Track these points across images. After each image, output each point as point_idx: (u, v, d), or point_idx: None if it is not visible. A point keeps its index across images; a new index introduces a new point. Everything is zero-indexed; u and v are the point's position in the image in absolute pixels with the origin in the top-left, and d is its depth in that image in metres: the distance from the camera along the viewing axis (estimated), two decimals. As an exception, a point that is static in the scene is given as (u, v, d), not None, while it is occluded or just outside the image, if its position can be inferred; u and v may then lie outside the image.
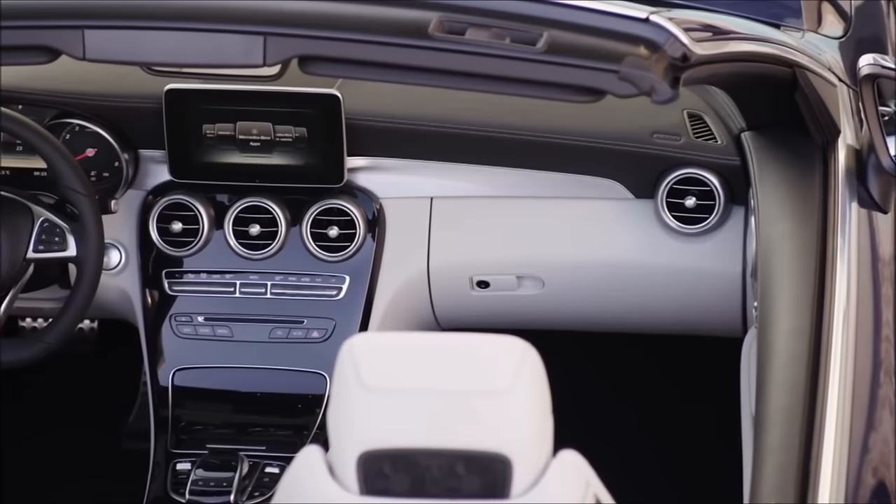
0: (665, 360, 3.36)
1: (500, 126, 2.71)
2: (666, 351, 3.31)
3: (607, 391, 3.40)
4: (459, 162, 2.75)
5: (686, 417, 3.37)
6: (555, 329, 2.88)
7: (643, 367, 3.41)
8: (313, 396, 2.71)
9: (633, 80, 2.00)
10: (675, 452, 3.33)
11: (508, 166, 2.74)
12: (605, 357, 3.37)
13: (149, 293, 2.77)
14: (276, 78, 2.61)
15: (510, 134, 2.71)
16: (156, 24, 2.17)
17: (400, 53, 2.08)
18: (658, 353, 3.33)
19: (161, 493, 2.60)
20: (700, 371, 3.34)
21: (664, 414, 3.40)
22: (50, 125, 2.71)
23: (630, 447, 3.29)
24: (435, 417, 1.66)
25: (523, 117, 2.72)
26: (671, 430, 3.37)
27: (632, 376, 3.41)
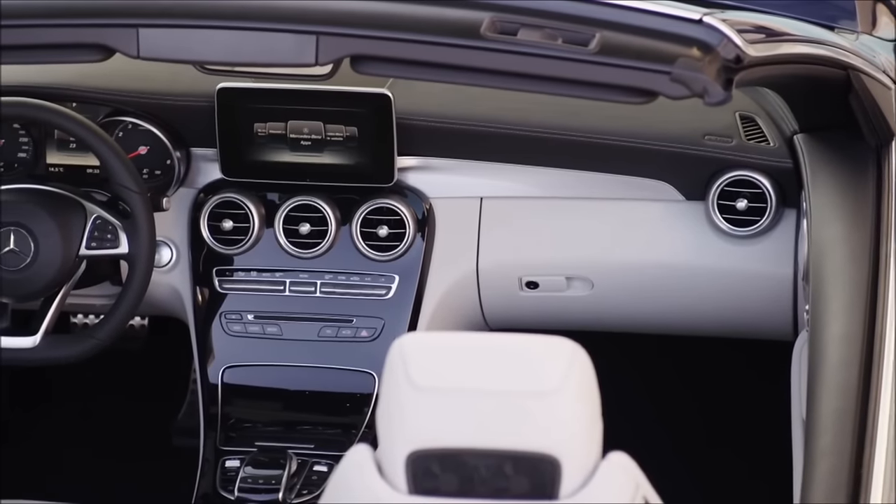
0: (714, 362, 3.35)
1: (550, 127, 2.71)
2: (715, 354, 3.29)
3: (655, 393, 3.39)
4: (510, 162, 2.75)
5: (735, 420, 3.35)
6: (604, 331, 2.87)
7: (692, 369, 3.39)
8: (362, 395, 2.71)
9: (686, 82, 2.00)
10: (725, 456, 3.31)
11: (559, 167, 2.73)
12: (654, 359, 3.36)
13: (199, 291, 2.78)
14: (327, 77, 2.61)
15: (561, 135, 2.71)
16: (209, 23, 2.18)
17: (451, 53, 2.08)
18: (707, 355, 3.31)
19: (210, 489, 2.61)
20: (749, 374, 3.32)
21: (713, 417, 3.38)
22: (103, 123, 2.73)
23: (679, 449, 3.28)
24: (484, 417, 1.66)
25: (574, 118, 2.71)
26: (720, 433, 3.36)
27: (680, 379, 3.40)
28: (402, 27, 2.12)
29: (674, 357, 3.35)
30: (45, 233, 2.57)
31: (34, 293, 2.60)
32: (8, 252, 2.56)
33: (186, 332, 2.82)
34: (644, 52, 2.02)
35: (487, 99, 2.71)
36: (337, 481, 1.77)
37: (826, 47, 2.39)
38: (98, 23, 2.22)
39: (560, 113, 2.71)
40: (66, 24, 2.25)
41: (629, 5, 2.10)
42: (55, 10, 2.28)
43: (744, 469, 3.26)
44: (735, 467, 3.28)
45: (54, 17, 2.26)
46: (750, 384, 3.32)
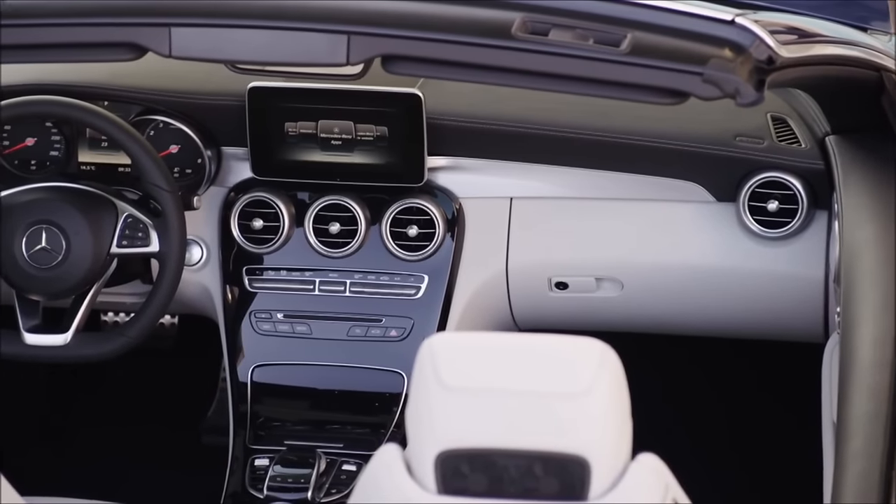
0: (743, 364, 3.34)
1: (581, 127, 2.71)
2: (745, 355, 3.28)
3: (684, 394, 3.38)
4: (540, 163, 2.74)
5: (764, 422, 3.34)
6: (633, 332, 2.86)
7: (722, 371, 3.38)
8: (391, 395, 2.72)
9: (718, 83, 1.99)
10: (754, 458, 3.30)
11: (590, 167, 2.73)
12: (684, 360, 3.35)
13: (229, 289, 2.79)
14: (358, 77, 2.61)
15: (592, 135, 2.70)
16: (241, 22, 2.18)
17: (483, 53, 2.08)
18: (737, 357, 3.31)
19: (239, 488, 2.62)
20: (780, 377, 3.31)
21: (742, 419, 3.37)
22: (135, 121, 2.73)
23: (708, 451, 3.27)
24: (513, 418, 1.66)
25: (605, 118, 2.71)
26: (749, 436, 3.35)
27: (710, 380, 3.39)
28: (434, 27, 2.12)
29: (703, 358, 3.34)
30: (76, 231, 2.58)
31: (65, 291, 2.61)
32: (40, 250, 2.57)
33: (216, 331, 2.82)
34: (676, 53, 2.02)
35: (517, 99, 2.71)
36: (366, 481, 1.77)
37: (858, 49, 2.38)
38: (130, 22, 2.23)
39: (590, 113, 2.71)
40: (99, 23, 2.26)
41: (661, 6, 2.10)
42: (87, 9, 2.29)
43: (773, 472, 3.25)
44: (765, 470, 3.27)
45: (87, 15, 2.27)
46: (780, 386, 3.31)
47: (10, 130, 2.78)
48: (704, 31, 2.08)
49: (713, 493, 2.63)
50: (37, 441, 3.41)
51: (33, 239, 2.57)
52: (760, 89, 2.01)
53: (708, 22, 2.08)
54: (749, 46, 2.03)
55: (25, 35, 2.27)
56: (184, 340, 3.39)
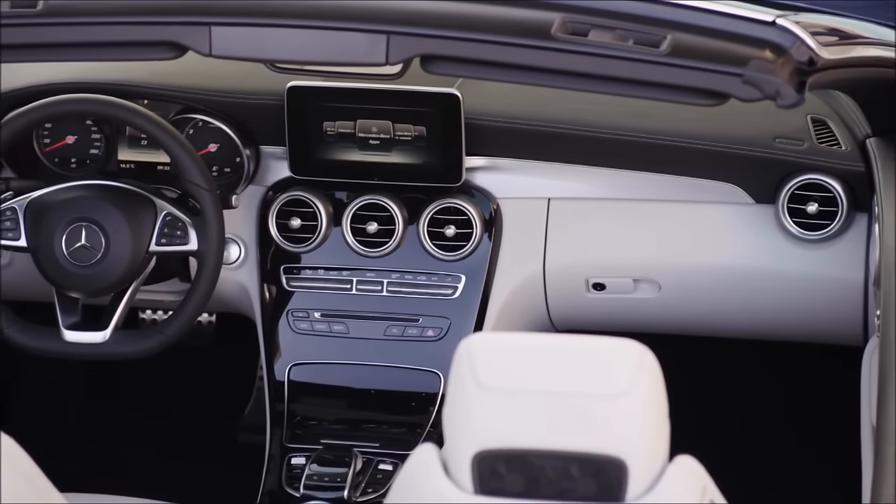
0: (781, 366, 3.33)
1: (620, 128, 2.70)
2: (782, 358, 3.27)
3: (723, 396, 3.37)
4: (578, 163, 2.74)
5: (803, 426, 3.33)
6: (671, 333, 2.85)
7: (759, 373, 3.37)
8: (427, 395, 2.72)
9: (758, 84, 1.98)
10: (790, 461, 3.29)
11: (628, 169, 2.72)
12: (721, 362, 3.34)
13: (267, 288, 2.79)
14: (396, 77, 2.62)
15: (630, 136, 2.70)
16: (281, 21, 2.19)
17: (522, 54, 2.08)
18: (775, 359, 3.29)
19: (276, 486, 2.62)
20: (819, 380, 3.30)
21: (780, 421, 3.36)
22: (174, 120, 2.74)
23: (746, 454, 3.26)
24: (550, 419, 1.66)
25: (644, 119, 2.70)
26: (786, 438, 3.33)
27: (748, 383, 3.38)
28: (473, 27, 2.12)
29: (741, 360, 3.33)
30: (115, 229, 2.59)
31: (104, 288, 2.62)
32: (79, 247, 2.59)
33: (253, 330, 2.83)
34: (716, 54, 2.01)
35: (556, 99, 2.70)
36: (403, 480, 1.77)
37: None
38: (171, 20, 2.24)
39: (629, 114, 2.70)
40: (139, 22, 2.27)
41: (701, 6, 2.09)
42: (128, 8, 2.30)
43: (811, 475, 3.24)
44: (803, 473, 3.26)
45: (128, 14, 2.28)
46: (819, 389, 3.29)
47: (50, 128, 2.80)
48: (745, 33, 2.07)
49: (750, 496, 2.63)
50: (75, 438, 3.43)
51: (73, 237, 2.58)
52: (801, 91, 2.01)
53: (748, 23, 2.08)
54: (790, 48, 2.03)
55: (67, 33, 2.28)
56: (221, 339, 3.40)
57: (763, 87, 1.98)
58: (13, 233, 2.61)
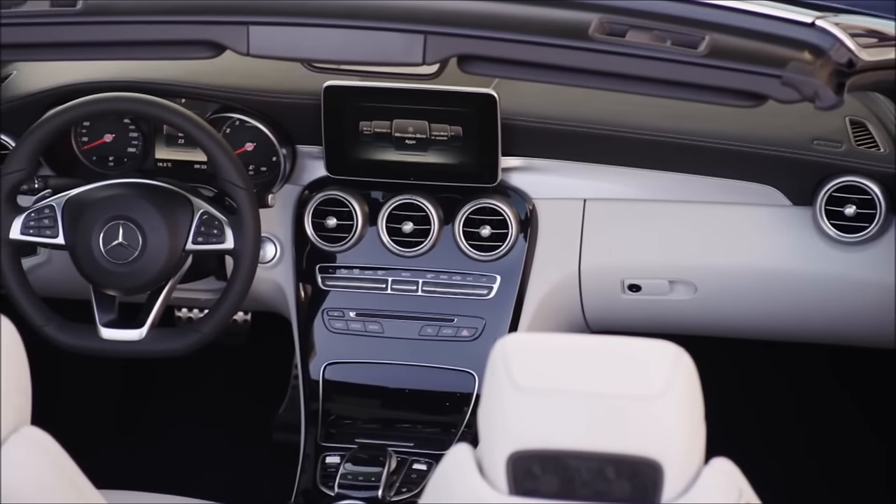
0: (817, 369, 3.31)
1: (656, 129, 2.69)
2: (819, 360, 3.26)
3: (758, 399, 3.36)
4: (614, 164, 2.73)
5: (838, 429, 3.31)
6: (706, 335, 2.84)
7: (795, 375, 3.36)
8: (461, 395, 2.72)
9: (797, 86, 1.98)
10: (827, 464, 3.27)
11: (664, 170, 2.72)
12: (757, 365, 3.33)
13: (302, 287, 2.80)
14: (433, 77, 2.62)
15: (667, 137, 2.69)
16: (319, 21, 2.19)
17: (560, 54, 2.08)
18: (811, 362, 3.28)
19: (310, 485, 2.63)
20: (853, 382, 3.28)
21: (815, 424, 3.34)
22: (211, 119, 2.75)
23: (782, 457, 3.24)
24: (586, 420, 1.66)
25: (679, 120, 2.70)
26: (822, 442, 3.32)
27: (783, 385, 3.37)
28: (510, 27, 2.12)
29: (776, 363, 3.31)
30: (152, 227, 2.59)
31: (141, 287, 2.63)
32: (116, 245, 2.59)
33: (288, 328, 2.84)
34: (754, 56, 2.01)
35: (592, 100, 2.70)
36: (438, 480, 1.77)
37: (940, 52, 2.35)
38: (209, 20, 2.24)
39: (666, 115, 2.70)
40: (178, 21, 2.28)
41: (740, 7, 2.09)
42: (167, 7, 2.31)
43: (847, 479, 3.22)
44: (838, 476, 3.24)
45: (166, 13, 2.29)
46: (853, 392, 3.28)
47: (89, 127, 2.81)
48: (783, 34, 2.06)
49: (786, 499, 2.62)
50: (110, 435, 3.44)
51: (110, 234, 2.59)
52: (840, 93, 2.00)
53: (787, 24, 2.07)
54: (829, 49, 2.02)
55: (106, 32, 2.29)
56: (256, 337, 3.41)
57: (802, 89, 1.98)
58: (51, 230, 2.62)
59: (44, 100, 2.75)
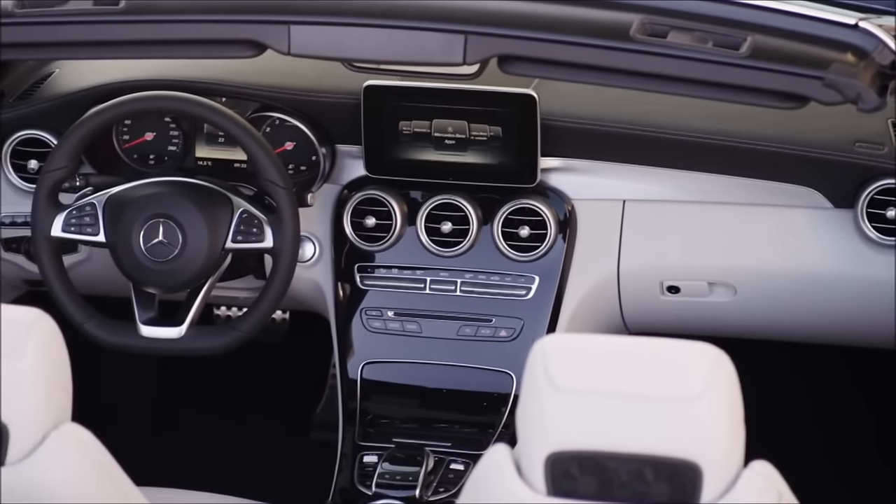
0: (859, 372, 3.29)
1: (696, 130, 2.69)
2: (860, 363, 3.24)
3: (798, 402, 3.35)
4: (654, 165, 2.73)
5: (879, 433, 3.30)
6: (746, 338, 2.83)
7: (835, 378, 3.34)
8: (499, 395, 2.71)
9: (839, 88, 1.97)
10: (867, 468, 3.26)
11: (704, 171, 2.71)
12: (798, 367, 3.31)
13: (341, 286, 2.80)
14: (473, 77, 2.62)
15: (707, 139, 2.68)
16: (360, 21, 2.20)
17: (601, 55, 2.08)
18: (851, 365, 3.26)
19: (348, 484, 2.63)
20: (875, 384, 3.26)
21: (856, 428, 3.33)
22: (252, 118, 2.76)
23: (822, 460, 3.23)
24: (625, 421, 1.66)
25: (720, 122, 2.69)
26: (864, 446, 3.30)
27: (824, 388, 3.35)
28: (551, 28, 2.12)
29: (816, 365, 3.30)
30: (192, 225, 2.60)
31: (181, 285, 2.63)
32: (157, 243, 2.60)
33: (326, 327, 2.84)
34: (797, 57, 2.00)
35: (632, 101, 2.69)
36: (476, 480, 1.77)
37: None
38: (250, 19, 2.25)
39: (707, 116, 2.69)
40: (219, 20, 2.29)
41: (782, 9, 2.08)
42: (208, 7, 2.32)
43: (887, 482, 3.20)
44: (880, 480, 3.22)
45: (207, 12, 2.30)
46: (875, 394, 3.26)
47: (130, 125, 2.82)
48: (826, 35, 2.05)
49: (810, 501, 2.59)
50: (149, 432, 3.45)
51: (151, 232, 2.60)
52: (883, 95, 1.99)
53: (830, 26, 2.06)
54: (872, 51, 2.01)
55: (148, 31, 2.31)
56: (294, 336, 3.42)
57: (844, 91, 1.97)
58: (92, 228, 2.63)
59: (85, 98, 2.76)
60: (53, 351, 1.74)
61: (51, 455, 1.72)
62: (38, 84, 2.88)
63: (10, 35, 2.38)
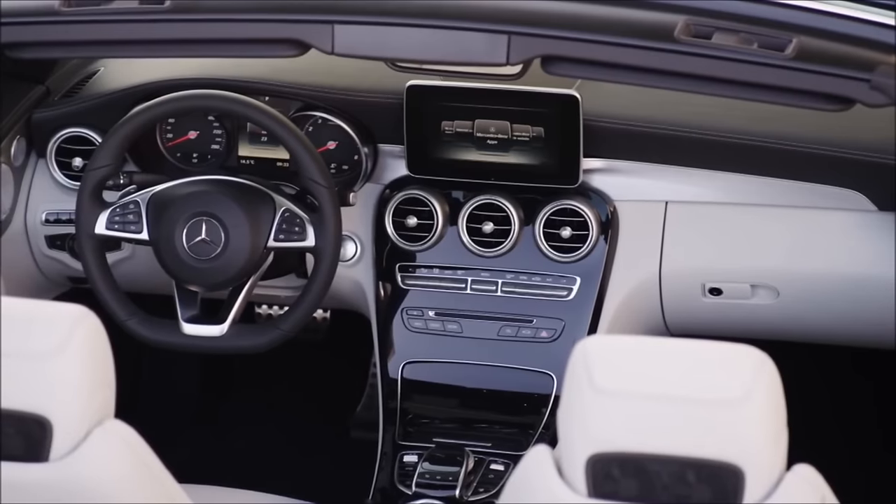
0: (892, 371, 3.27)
1: (739, 132, 2.67)
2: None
3: (841, 405, 3.33)
4: (696, 167, 2.72)
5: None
6: (788, 340, 2.82)
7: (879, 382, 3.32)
8: (539, 396, 2.71)
9: (886, 90, 1.96)
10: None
11: (747, 173, 2.70)
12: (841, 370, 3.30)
13: (382, 286, 2.81)
14: (516, 77, 2.62)
15: (750, 140, 2.67)
16: (403, 20, 2.20)
17: (645, 56, 2.07)
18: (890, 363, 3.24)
19: (388, 483, 2.63)
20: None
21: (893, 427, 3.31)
22: (294, 117, 2.76)
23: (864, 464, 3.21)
24: (667, 423, 1.65)
25: (763, 123, 2.67)
26: None
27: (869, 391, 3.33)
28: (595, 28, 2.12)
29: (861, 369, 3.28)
30: (235, 224, 2.61)
31: (223, 283, 2.64)
32: (199, 241, 2.61)
33: (367, 326, 2.85)
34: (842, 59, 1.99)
35: (675, 102, 2.68)
36: (517, 480, 1.77)
37: None
38: (295, 18, 2.26)
39: (750, 118, 2.68)
40: (264, 20, 2.30)
41: (828, 10, 2.07)
42: (253, 6, 2.33)
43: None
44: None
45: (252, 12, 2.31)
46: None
47: (173, 124, 2.83)
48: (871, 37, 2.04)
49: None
50: (190, 429, 3.47)
51: (194, 231, 2.61)
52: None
53: (875, 27, 2.05)
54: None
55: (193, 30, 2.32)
56: (335, 335, 3.42)
57: (891, 93, 1.96)
58: (136, 226, 2.64)
59: (130, 96, 2.78)
60: (98, 348, 1.75)
61: (94, 451, 1.73)
62: (83, 82, 2.89)
63: (55, 33, 2.40)
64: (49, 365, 1.70)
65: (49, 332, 1.71)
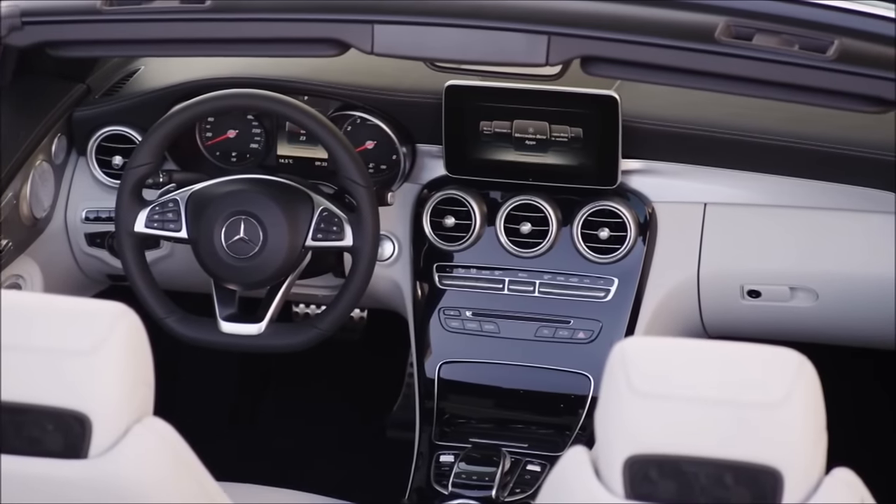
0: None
1: (779, 134, 2.66)
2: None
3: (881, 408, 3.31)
4: (736, 168, 2.71)
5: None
6: (828, 343, 2.80)
7: None
8: (576, 397, 2.71)
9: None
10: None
11: (786, 175, 2.68)
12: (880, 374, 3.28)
13: (419, 286, 2.81)
14: (555, 78, 2.61)
15: (790, 142, 2.65)
16: (443, 20, 2.20)
17: (685, 57, 2.07)
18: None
19: (424, 483, 2.63)
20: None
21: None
22: (333, 117, 2.77)
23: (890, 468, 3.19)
24: (705, 426, 1.65)
25: (804, 125, 2.66)
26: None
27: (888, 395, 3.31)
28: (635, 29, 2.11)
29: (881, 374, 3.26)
30: (273, 223, 2.61)
31: (261, 282, 2.65)
32: (238, 240, 2.62)
33: (404, 326, 2.85)
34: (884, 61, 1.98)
35: (714, 103, 2.67)
36: (554, 481, 1.77)
37: None
38: (334, 18, 2.26)
39: (788, 120, 2.66)
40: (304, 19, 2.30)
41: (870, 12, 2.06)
42: (293, 6, 2.33)
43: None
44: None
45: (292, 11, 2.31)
46: None
47: (213, 122, 2.84)
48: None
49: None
50: (226, 427, 3.48)
51: (232, 229, 2.62)
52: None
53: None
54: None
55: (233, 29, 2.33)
56: (372, 334, 3.43)
57: (933, 95, 1.95)
58: (175, 224, 2.65)
59: (170, 95, 2.79)
60: (137, 345, 1.76)
61: (133, 448, 1.73)
62: (124, 81, 2.91)
63: (96, 32, 2.41)
64: (89, 362, 1.71)
65: (89, 329, 1.72)
